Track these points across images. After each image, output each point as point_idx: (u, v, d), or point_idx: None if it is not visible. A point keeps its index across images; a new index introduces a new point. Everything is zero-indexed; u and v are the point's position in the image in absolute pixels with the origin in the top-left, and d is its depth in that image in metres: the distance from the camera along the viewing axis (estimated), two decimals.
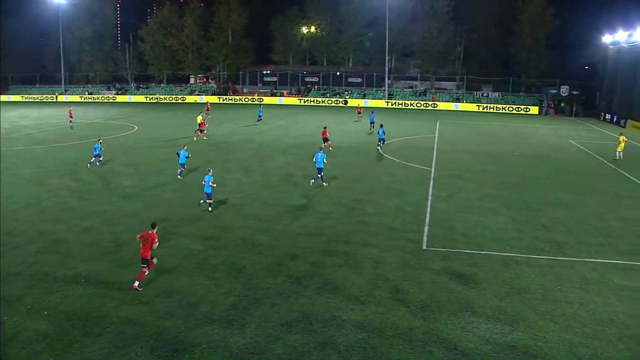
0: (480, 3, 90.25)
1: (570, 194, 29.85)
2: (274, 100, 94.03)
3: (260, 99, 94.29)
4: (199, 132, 48.18)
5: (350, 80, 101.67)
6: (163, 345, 13.41)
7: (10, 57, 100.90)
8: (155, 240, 16.82)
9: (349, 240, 21.46)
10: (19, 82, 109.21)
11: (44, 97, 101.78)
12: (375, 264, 18.93)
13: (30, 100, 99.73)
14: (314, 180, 30.48)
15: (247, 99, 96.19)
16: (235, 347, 13.44)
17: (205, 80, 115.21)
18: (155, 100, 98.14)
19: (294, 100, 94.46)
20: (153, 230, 16.96)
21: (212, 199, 25.25)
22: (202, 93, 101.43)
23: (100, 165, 35.08)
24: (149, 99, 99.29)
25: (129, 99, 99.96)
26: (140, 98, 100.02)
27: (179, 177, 32.09)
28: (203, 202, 25.41)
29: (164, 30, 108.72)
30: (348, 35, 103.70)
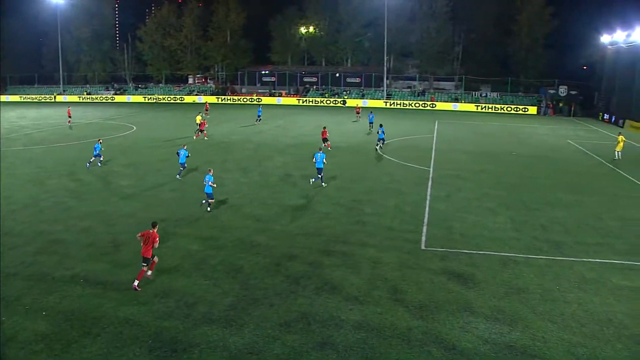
0: (479, 3, 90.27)
1: (569, 194, 29.88)
2: (273, 101, 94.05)
3: (259, 99, 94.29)
4: (199, 132, 48.19)
5: (349, 81, 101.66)
6: (162, 346, 13.41)
7: (9, 57, 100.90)
8: (157, 240, 16.88)
9: (348, 241, 21.46)
10: (17, 82, 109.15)
11: (43, 97, 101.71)
12: (374, 264, 18.93)
13: (29, 101, 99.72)
14: (314, 180, 30.48)
15: (245, 99, 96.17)
16: (234, 347, 13.44)
17: (204, 81, 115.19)
18: (154, 101, 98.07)
19: (293, 101, 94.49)
20: (154, 230, 16.99)
21: (213, 199, 25.28)
22: (200, 93, 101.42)
23: (102, 165, 35.09)
24: (148, 99, 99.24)
25: (128, 99, 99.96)
26: (139, 98, 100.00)
27: (178, 177, 32.05)
28: (205, 202, 25.37)
29: (163, 30, 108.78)
30: (347, 36, 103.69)
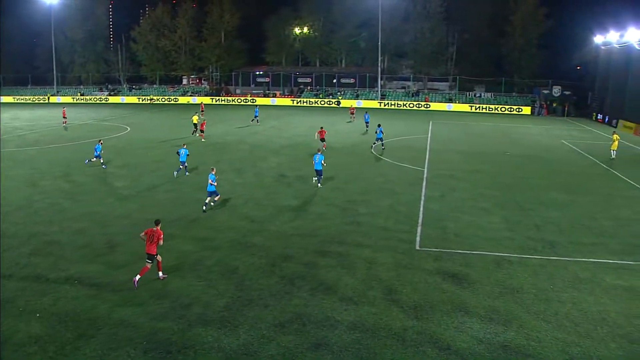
0: (473, 4, 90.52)
1: (563, 194, 29.97)
2: (267, 101, 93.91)
3: (253, 100, 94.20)
4: (201, 132, 48.26)
5: (343, 81, 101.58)
6: (156, 347, 13.39)
7: (2, 58, 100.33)
8: (161, 237, 17.04)
9: (342, 241, 21.47)
10: (11, 83, 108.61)
11: (36, 98, 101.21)
12: (369, 265, 18.95)
13: (22, 102, 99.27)
14: (316, 179, 30.65)
15: (239, 100, 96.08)
16: (229, 348, 13.43)
17: (198, 81, 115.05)
18: (149, 101, 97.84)
19: (287, 101, 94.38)
20: (157, 227, 17.17)
21: (218, 195, 25.74)
22: (195, 94, 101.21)
23: (105, 167, 34.96)
24: (142, 100, 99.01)
25: (122, 100, 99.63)
26: (133, 99, 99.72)
27: (175, 173, 32.32)
28: (206, 205, 25.47)
29: (157, 31, 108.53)
30: (341, 36, 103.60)
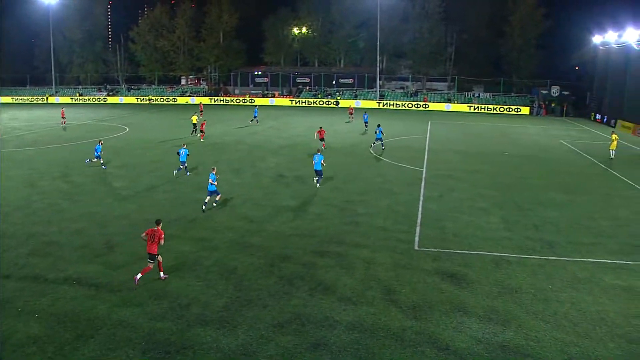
0: (471, 4, 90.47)
1: (561, 194, 29.98)
2: (266, 101, 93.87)
3: (252, 100, 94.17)
4: (201, 132, 48.33)
5: (342, 81, 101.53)
6: (155, 347, 13.37)
7: (2, 58, 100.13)
8: (162, 236, 17.07)
9: (341, 241, 21.47)
10: (9, 83, 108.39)
11: (35, 98, 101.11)
12: (367, 265, 18.95)
13: (21, 102, 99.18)
14: (316, 179, 30.74)
15: (238, 100, 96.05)
16: (228, 348, 13.42)
17: (197, 82, 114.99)
18: (148, 102, 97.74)
19: (286, 101, 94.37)
20: (158, 227, 17.21)
21: (219, 194, 25.79)
22: (193, 94, 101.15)
23: (105, 168, 34.93)
24: (141, 100, 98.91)
25: (120, 100, 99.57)
26: (132, 99, 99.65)
27: (176, 172, 32.56)
28: (205, 204, 25.58)
29: (155, 32, 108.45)
30: (339, 36, 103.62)
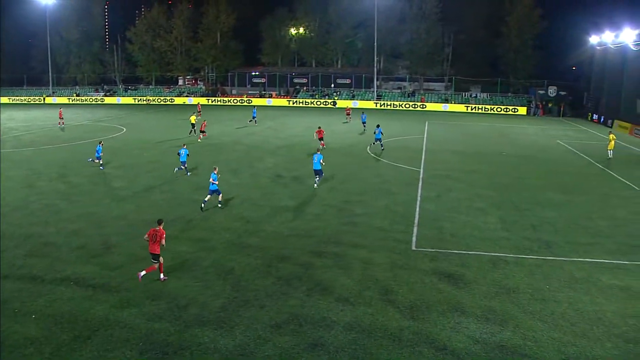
0: (468, 4, 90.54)
1: (559, 194, 30.02)
2: (263, 102, 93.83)
3: (249, 101, 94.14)
4: (201, 132, 48.39)
5: (339, 82, 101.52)
6: (152, 348, 13.35)
7: (2, 58, 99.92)
8: (164, 236, 17.10)
9: (339, 242, 21.46)
10: (6, 83, 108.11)
11: (32, 99, 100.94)
12: (365, 265, 18.94)
13: (18, 102, 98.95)
14: (317, 178, 30.82)
15: (235, 101, 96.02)
16: (225, 349, 13.41)
17: (194, 82, 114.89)
18: (146, 102, 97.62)
19: (283, 102, 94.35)
20: (159, 227, 17.25)
21: (220, 193, 25.86)
22: (190, 95, 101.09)
23: (104, 167, 34.91)
24: (138, 101, 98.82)
25: (118, 101, 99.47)
26: (129, 100, 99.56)
27: (176, 169, 32.93)
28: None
29: (153, 32, 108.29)
30: (337, 37, 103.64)
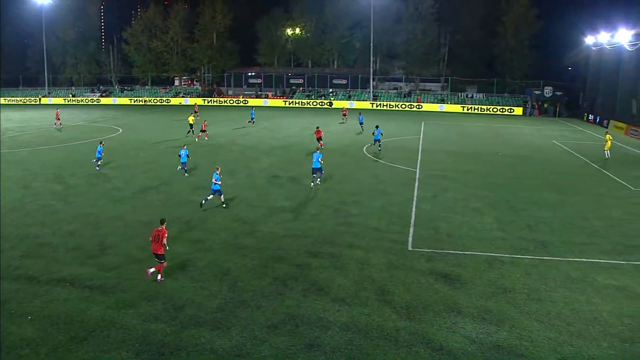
0: (464, 5, 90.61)
1: (555, 194, 30.09)
2: (259, 102, 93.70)
3: (245, 101, 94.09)
4: (202, 132, 48.40)
5: (335, 82, 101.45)
6: (149, 349, 13.34)
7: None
8: (165, 236, 17.12)
9: (335, 242, 21.47)
10: (2, 84, 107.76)
11: (27, 99, 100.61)
12: (361, 265, 18.96)
13: (13, 103, 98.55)
14: (319, 180, 30.90)
15: (232, 101, 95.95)
16: (221, 349, 13.41)
17: (190, 83, 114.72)
18: (143, 103, 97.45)
19: (279, 102, 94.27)
20: (162, 226, 17.25)
21: (222, 194, 25.98)
22: (187, 95, 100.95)
23: (101, 168, 34.84)
24: (134, 101, 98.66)
25: (114, 101, 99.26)
26: (125, 100, 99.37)
27: (179, 167, 33.32)
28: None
29: (149, 32, 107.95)
30: (333, 37, 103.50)
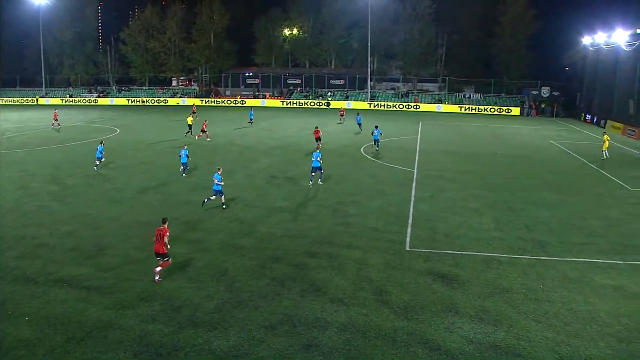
0: (462, 5, 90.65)
1: (552, 194, 30.11)
2: (257, 103, 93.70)
3: (243, 101, 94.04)
4: (202, 132, 48.34)
5: (333, 82, 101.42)
6: (146, 350, 13.32)
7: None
8: (166, 235, 17.16)
9: (333, 242, 21.46)
10: None
11: (25, 100, 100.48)
12: (359, 266, 18.95)
13: (10, 104, 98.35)
14: (320, 180, 30.99)
15: (229, 102, 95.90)
16: (219, 350, 13.39)
17: (188, 83, 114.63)
18: (141, 103, 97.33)
19: (277, 103, 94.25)
20: (164, 225, 17.32)
21: (223, 194, 26.04)
22: (184, 95, 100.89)
23: (98, 169, 34.79)
24: (131, 102, 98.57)
25: (111, 102, 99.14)
26: (122, 101, 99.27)
27: (183, 173, 33.20)
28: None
29: (146, 33, 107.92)
30: (330, 37, 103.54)
